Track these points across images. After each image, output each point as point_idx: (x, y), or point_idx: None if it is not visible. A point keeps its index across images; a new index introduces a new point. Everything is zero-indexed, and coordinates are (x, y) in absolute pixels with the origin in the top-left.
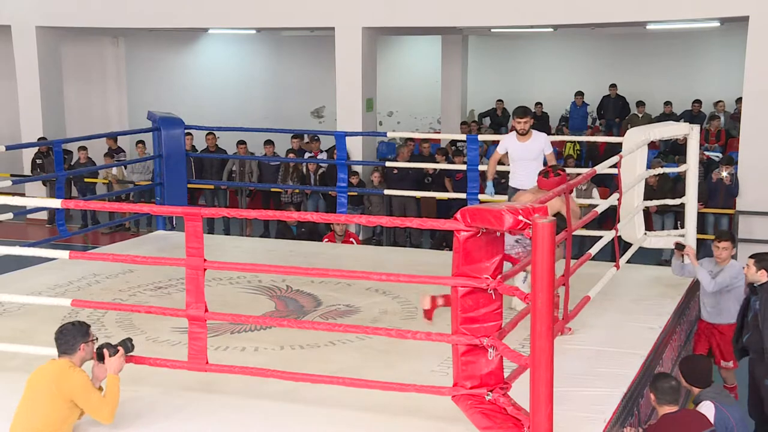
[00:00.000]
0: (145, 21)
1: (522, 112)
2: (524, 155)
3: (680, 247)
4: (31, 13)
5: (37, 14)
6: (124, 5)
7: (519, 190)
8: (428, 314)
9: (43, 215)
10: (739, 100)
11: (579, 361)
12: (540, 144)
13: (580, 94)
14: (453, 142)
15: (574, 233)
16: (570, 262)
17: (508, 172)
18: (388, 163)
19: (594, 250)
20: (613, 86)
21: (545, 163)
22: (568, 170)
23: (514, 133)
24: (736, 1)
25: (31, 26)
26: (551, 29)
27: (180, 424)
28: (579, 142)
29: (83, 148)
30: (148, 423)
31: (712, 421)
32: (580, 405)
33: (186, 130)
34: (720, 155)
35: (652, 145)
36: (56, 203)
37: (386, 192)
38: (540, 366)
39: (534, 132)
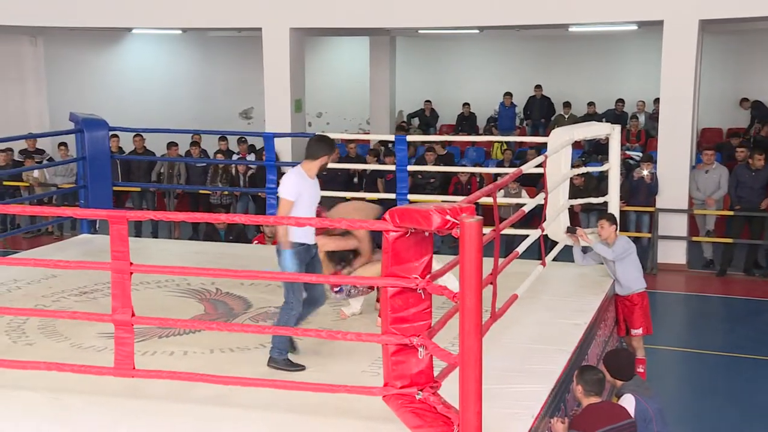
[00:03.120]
0: (64, 20)
1: (334, 145)
2: (316, 199)
3: (572, 230)
4: None
5: None
6: (41, 3)
7: (306, 245)
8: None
9: None
10: (657, 101)
11: (507, 359)
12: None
13: (508, 94)
14: (384, 142)
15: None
16: (498, 261)
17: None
18: None
19: (521, 248)
20: (538, 87)
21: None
22: (501, 171)
23: (300, 171)
24: (651, 6)
25: None
26: (477, 30)
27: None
28: (507, 142)
29: (4, 150)
30: None
31: (632, 412)
32: (508, 402)
33: (112, 132)
34: (640, 154)
35: (577, 145)
36: None
37: None
38: (469, 364)
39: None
